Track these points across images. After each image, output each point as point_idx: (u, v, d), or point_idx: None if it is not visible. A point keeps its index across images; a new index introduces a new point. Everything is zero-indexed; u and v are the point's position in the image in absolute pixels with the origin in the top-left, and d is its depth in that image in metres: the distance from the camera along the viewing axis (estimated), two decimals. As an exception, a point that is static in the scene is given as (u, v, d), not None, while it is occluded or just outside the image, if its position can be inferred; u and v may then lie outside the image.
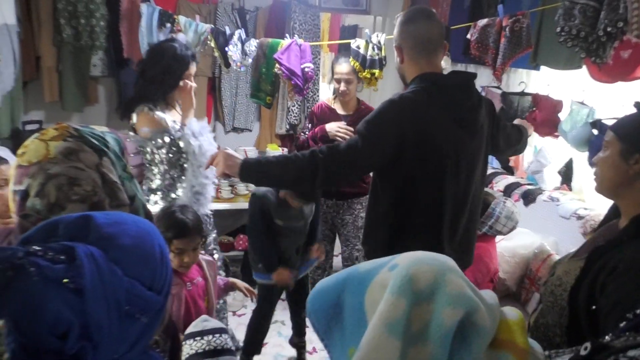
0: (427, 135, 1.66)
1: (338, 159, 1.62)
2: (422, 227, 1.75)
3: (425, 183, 1.71)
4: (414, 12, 1.80)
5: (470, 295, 0.63)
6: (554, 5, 2.33)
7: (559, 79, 2.96)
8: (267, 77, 3.15)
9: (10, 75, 2.78)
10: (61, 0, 3.40)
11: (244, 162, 1.64)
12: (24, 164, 0.92)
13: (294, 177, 1.64)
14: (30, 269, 0.60)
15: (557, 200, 2.88)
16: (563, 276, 1.26)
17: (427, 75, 1.73)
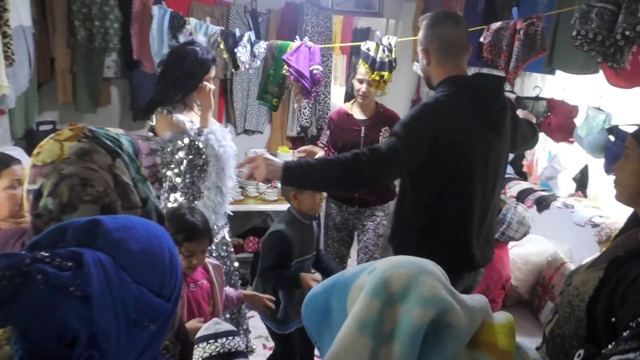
0: (458, 138, 1.71)
1: (380, 161, 1.64)
2: (450, 226, 1.79)
3: (456, 184, 1.76)
4: (441, 15, 1.84)
5: (442, 296, 0.64)
6: (570, 9, 2.29)
7: (574, 84, 2.91)
8: (274, 79, 3.14)
9: (25, 77, 2.81)
10: (76, 2, 3.43)
11: (287, 166, 1.64)
12: (39, 163, 0.92)
13: (337, 178, 1.65)
14: (37, 276, 0.59)
15: (572, 207, 2.83)
16: (580, 286, 1.23)
17: (456, 78, 1.78)
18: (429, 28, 1.80)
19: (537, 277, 2.79)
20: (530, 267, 2.77)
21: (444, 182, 1.75)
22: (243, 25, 3.91)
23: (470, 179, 1.76)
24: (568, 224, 2.83)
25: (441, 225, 1.79)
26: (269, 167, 1.63)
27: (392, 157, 1.65)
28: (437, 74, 1.81)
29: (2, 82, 2.15)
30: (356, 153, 1.66)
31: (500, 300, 2.69)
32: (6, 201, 1.49)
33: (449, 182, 1.75)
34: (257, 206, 3.82)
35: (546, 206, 2.99)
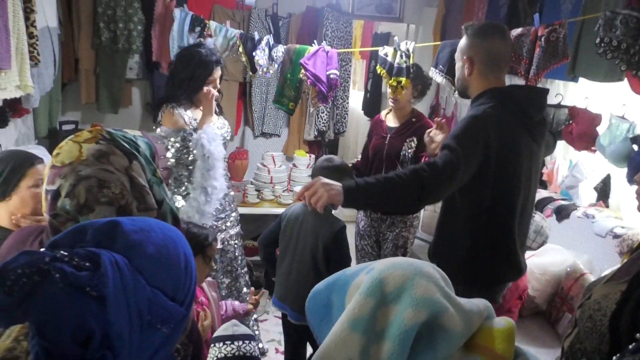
0: (507, 150, 1.72)
1: (440, 175, 1.62)
2: (500, 237, 1.81)
3: (505, 195, 1.78)
4: (490, 28, 1.84)
5: (436, 298, 0.65)
6: (594, 15, 2.26)
7: (598, 92, 2.86)
8: (291, 83, 3.15)
9: (50, 77, 2.86)
10: (101, 4, 3.50)
11: (347, 188, 1.57)
12: (58, 164, 0.93)
13: (400, 197, 1.62)
14: (56, 275, 0.60)
15: (593, 217, 2.77)
16: (602, 300, 1.20)
17: (501, 90, 1.80)
18: (477, 39, 1.80)
19: (555, 288, 2.74)
20: (549, 277, 2.72)
21: (495, 193, 1.76)
22: (264, 28, 3.94)
23: (517, 190, 1.78)
24: (588, 234, 2.77)
25: (490, 237, 1.80)
26: (330, 192, 1.55)
27: (450, 170, 1.63)
28: (477, 85, 1.82)
29: (27, 81, 2.19)
30: (415, 169, 1.64)
31: (517, 310, 2.65)
32: (30, 199, 1.52)
33: (499, 193, 1.76)
34: (273, 209, 3.82)
35: (566, 215, 2.94)
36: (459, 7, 3.89)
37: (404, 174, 1.62)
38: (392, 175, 1.62)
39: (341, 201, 1.56)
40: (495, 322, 0.72)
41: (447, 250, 1.89)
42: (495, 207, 1.77)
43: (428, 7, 4.36)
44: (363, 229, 3.00)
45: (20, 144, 2.92)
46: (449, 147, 1.67)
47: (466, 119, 1.75)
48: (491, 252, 1.81)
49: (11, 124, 2.73)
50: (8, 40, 2.00)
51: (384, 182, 1.61)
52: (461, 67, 1.85)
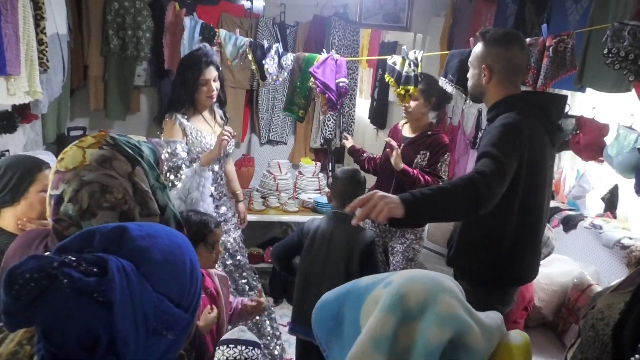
0: (536, 156, 1.76)
1: (492, 183, 1.61)
2: (525, 238, 1.86)
3: (533, 198, 1.82)
4: (510, 36, 1.86)
5: (461, 316, 0.62)
6: (602, 26, 2.25)
7: (605, 102, 2.85)
8: (301, 91, 3.16)
9: (59, 83, 2.89)
10: (110, 12, 3.53)
11: (406, 201, 1.51)
12: (61, 169, 0.93)
13: (457, 207, 1.61)
14: (64, 280, 0.61)
15: (600, 228, 2.75)
16: (605, 310, 1.19)
17: (524, 97, 1.84)
18: (496, 47, 1.81)
19: (561, 299, 2.71)
20: (555, 288, 2.70)
21: (524, 197, 1.78)
22: (271, 37, 3.97)
23: (543, 194, 1.84)
24: (595, 245, 2.75)
25: (517, 240, 1.83)
26: (390, 205, 1.48)
27: (500, 177, 1.63)
28: (495, 92, 1.84)
29: (36, 87, 2.21)
30: (468, 178, 1.61)
31: (523, 321, 2.62)
32: (38, 203, 1.53)
33: (528, 197, 1.79)
34: (278, 217, 3.83)
35: (573, 226, 2.92)
36: (467, 17, 3.90)
37: (457, 184, 1.61)
38: (446, 186, 1.66)
39: (401, 214, 1.50)
40: (511, 337, 0.70)
41: (473, 253, 1.91)
42: (524, 212, 1.80)
43: (435, 17, 4.37)
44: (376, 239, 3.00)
45: (28, 149, 2.94)
46: (490, 155, 1.66)
47: (500, 126, 1.75)
48: (516, 255, 1.85)
49: (20, 130, 2.75)
50: (18, 47, 2.03)
51: (440, 192, 1.58)
52: (477, 74, 1.87)
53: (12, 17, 1.95)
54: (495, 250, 1.85)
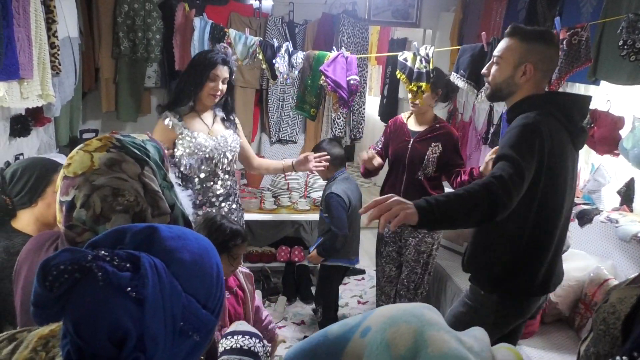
0: (556, 158, 1.71)
1: (509, 187, 1.56)
2: (544, 243, 1.79)
3: (552, 201, 1.76)
4: (552, 36, 1.81)
5: (455, 350, 0.56)
6: (616, 18, 2.22)
7: (620, 95, 2.81)
8: (312, 89, 3.15)
9: (71, 86, 2.91)
10: (121, 14, 3.55)
11: (421, 208, 1.47)
12: (70, 175, 0.93)
13: (473, 213, 1.54)
14: (98, 273, 0.60)
15: (616, 222, 2.71)
16: (617, 304, 1.18)
17: (546, 97, 1.78)
18: (538, 44, 1.74)
19: (578, 294, 2.68)
20: (572, 283, 2.66)
21: (543, 201, 1.73)
22: (280, 36, 3.97)
23: (562, 199, 1.77)
24: (612, 239, 2.72)
25: (535, 246, 1.78)
26: (405, 211, 1.44)
27: (518, 180, 1.59)
28: (526, 91, 1.78)
29: (48, 91, 2.23)
30: (485, 184, 1.56)
31: (539, 316, 2.60)
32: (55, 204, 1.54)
33: (547, 200, 1.73)
34: (290, 215, 3.83)
35: (588, 220, 2.88)
36: (477, 11, 3.87)
37: (473, 190, 1.55)
38: (461, 192, 1.56)
39: (416, 220, 1.46)
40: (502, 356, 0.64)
41: (488, 258, 1.85)
42: (540, 217, 1.74)
43: (445, 12, 4.34)
44: (387, 235, 2.99)
45: (42, 152, 2.97)
46: (508, 158, 1.62)
47: (518, 127, 1.70)
48: (532, 263, 1.78)
49: (33, 133, 2.77)
50: (30, 51, 2.04)
51: (456, 199, 1.53)
52: (511, 70, 1.77)
53: (24, 21, 1.97)
54: (510, 257, 1.79)
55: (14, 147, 2.62)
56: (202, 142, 2.46)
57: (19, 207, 1.52)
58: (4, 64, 1.76)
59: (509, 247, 1.79)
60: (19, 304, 1.09)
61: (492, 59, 1.85)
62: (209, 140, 2.48)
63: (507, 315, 1.86)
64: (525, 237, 1.76)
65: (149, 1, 3.59)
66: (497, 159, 1.66)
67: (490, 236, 1.84)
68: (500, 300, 1.83)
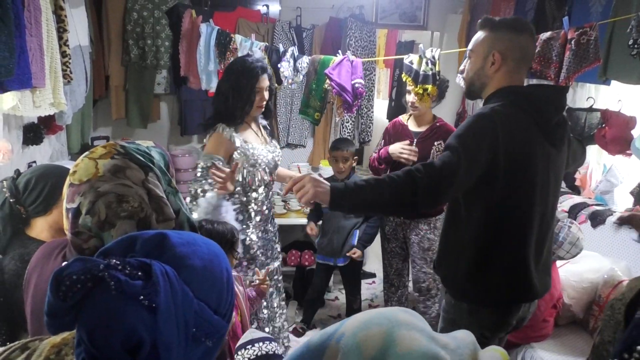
0: (519, 152, 1.57)
1: (436, 177, 1.49)
2: (509, 251, 1.65)
3: (516, 204, 1.61)
4: (523, 23, 1.69)
5: (424, 347, 0.57)
6: (626, 17, 2.20)
7: (631, 94, 2.79)
8: (316, 94, 3.16)
9: (82, 94, 2.95)
10: (130, 22, 3.59)
11: (334, 189, 1.48)
12: (75, 182, 0.94)
13: (392, 201, 1.51)
14: (111, 282, 0.61)
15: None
16: (627, 292, 1.18)
17: (514, 88, 1.65)
18: (508, 32, 1.64)
19: (592, 296, 2.65)
20: (585, 285, 2.64)
21: (504, 201, 1.59)
22: (287, 41, 3.98)
23: (531, 198, 1.61)
24: (625, 240, 2.69)
25: (498, 251, 1.64)
26: (316, 188, 1.48)
27: (449, 172, 1.50)
28: (498, 82, 1.66)
29: (60, 99, 2.26)
30: (409, 170, 1.51)
31: (552, 319, 2.57)
32: None
33: (510, 201, 1.60)
34: (300, 220, 3.83)
35: (601, 221, 2.85)
36: (485, 12, 3.85)
37: (396, 176, 1.50)
38: (384, 178, 1.51)
39: (327, 200, 1.48)
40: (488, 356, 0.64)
41: (451, 262, 1.74)
42: (507, 219, 1.61)
43: (452, 14, 4.33)
44: (389, 232, 3.00)
45: (54, 160, 3.01)
46: (450, 147, 1.53)
47: (472, 117, 1.60)
48: (500, 268, 1.64)
49: (45, 141, 2.81)
50: (42, 60, 2.07)
51: (375, 184, 1.49)
52: (481, 61, 1.67)
53: (36, 31, 2.00)
54: (474, 262, 1.65)
55: (27, 155, 2.66)
56: (261, 153, 2.42)
57: (34, 215, 1.53)
58: (17, 73, 1.78)
59: (472, 249, 1.66)
60: (29, 312, 1.10)
61: (466, 55, 1.78)
62: (264, 150, 2.46)
63: (484, 324, 1.70)
64: (487, 239, 1.64)
65: (157, 8, 3.62)
66: (444, 149, 1.59)
67: (455, 237, 1.72)
68: (470, 309, 1.71)
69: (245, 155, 2.37)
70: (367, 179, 1.52)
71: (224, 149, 2.34)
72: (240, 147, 2.36)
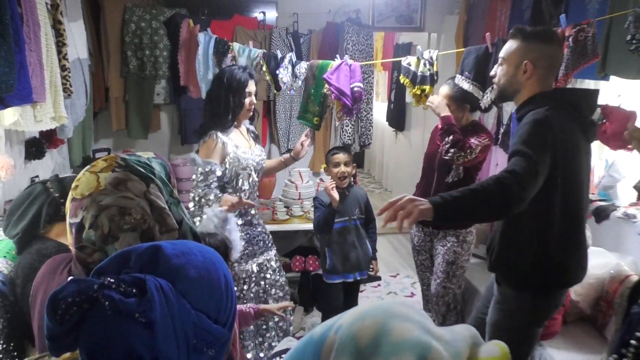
0: (570, 152, 1.73)
1: (523, 181, 1.59)
2: (568, 238, 1.81)
3: (572, 194, 1.78)
4: (552, 33, 1.87)
5: (416, 337, 0.58)
6: (623, 12, 2.21)
7: (631, 89, 2.79)
8: (315, 98, 3.16)
9: (82, 107, 2.96)
10: (128, 34, 3.61)
11: (435, 204, 1.53)
12: (78, 196, 0.94)
13: (488, 208, 1.60)
14: (105, 302, 0.61)
15: (634, 217, 2.68)
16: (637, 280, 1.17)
17: (554, 93, 1.83)
18: (539, 43, 1.80)
19: (599, 292, 2.64)
20: (592, 280, 2.62)
21: (563, 194, 1.75)
22: (285, 46, 3.99)
23: (580, 192, 1.80)
24: (630, 234, 2.68)
25: (559, 241, 1.79)
26: (420, 207, 1.50)
27: (533, 175, 1.61)
28: (531, 89, 1.82)
29: (61, 113, 2.27)
30: (497, 179, 1.60)
31: (560, 316, 2.56)
32: None
33: (567, 193, 1.75)
34: (303, 225, 3.83)
35: (605, 217, 2.85)
36: (481, 12, 3.86)
37: (487, 185, 1.59)
38: (476, 187, 1.61)
39: (431, 216, 1.52)
40: (486, 350, 0.64)
41: (514, 257, 1.87)
42: (564, 211, 1.77)
43: (449, 15, 4.34)
44: (418, 244, 2.99)
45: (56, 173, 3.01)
46: (521, 153, 1.64)
47: (529, 123, 1.73)
48: (563, 256, 1.81)
49: (47, 155, 2.82)
50: (42, 74, 2.08)
51: (470, 194, 1.58)
52: (514, 69, 1.83)
53: (36, 46, 2.01)
54: (540, 252, 1.81)
55: (29, 170, 2.67)
56: (249, 157, 2.54)
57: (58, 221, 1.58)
58: (17, 89, 1.79)
59: (536, 242, 1.80)
60: (36, 328, 1.10)
61: (498, 61, 1.91)
62: (252, 154, 2.56)
63: (543, 310, 1.89)
64: (550, 230, 1.78)
65: (155, 19, 3.64)
66: (511, 155, 1.68)
67: (517, 233, 1.86)
68: (533, 297, 1.85)
69: (237, 159, 2.49)
70: (461, 190, 1.60)
71: (217, 155, 2.45)
72: (232, 152, 2.47)
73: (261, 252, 2.70)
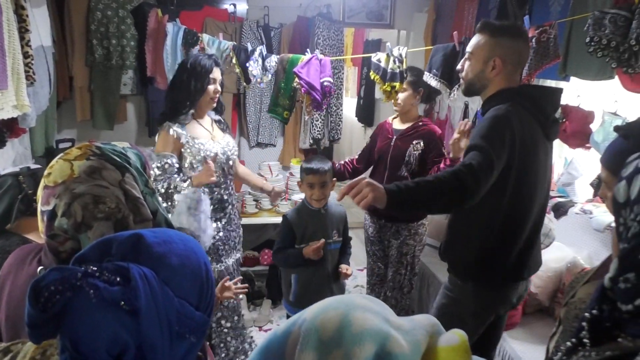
0: (528, 148, 1.74)
1: (478, 175, 1.61)
2: (514, 233, 1.82)
3: (524, 193, 1.79)
4: (519, 29, 1.86)
5: (376, 326, 0.60)
6: (584, 15, 2.29)
7: (589, 90, 2.90)
8: (285, 92, 3.16)
9: (45, 96, 2.87)
10: (94, 22, 3.51)
11: (390, 191, 1.56)
12: (50, 184, 0.92)
13: (442, 199, 1.61)
14: (90, 291, 0.61)
15: (590, 213, 2.80)
16: (587, 299, 1.21)
17: (517, 90, 1.83)
18: (508, 39, 1.79)
19: (557, 284, 2.76)
20: (550, 273, 2.74)
21: (514, 191, 1.76)
22: (255, 39, 3.97)
23: (535, 188, 1.81)
24: (587, 229, 2.80)
25: (505, 235, 1.81)
26: (374, 192, 1.54)
27: (487, 169, 1.63)
28: (497, 85, 1.83)
29: (23, 101, 2.20)
30: (453, 172, 1.62)
31: (520, 307, 2.66)
32: None
33: (518, 190, 1.76)
34: (271, 219, 3.83)
35: (564, 212, 2.96)
36: (449, 12, 3.94)
37: (443, 177, 1.62)
38: (431, 178, 1.63)
39: (384, 203, 1.55)
40: (446, 339, 0.66)
41: (460, 247, 1.91)
42: (512, 207, 1.78)
43: (418, 13, 4.40)
44: (372, 235, 3.02)
45: (17, 164, 2.92)
46: (478, 147, 1.67)
47: (489, 118, 1.75)
48: (503, 252, 1.83)
49: (8, 144, 2.72)
50: (4, 61, 2.01)
51: (425, 185, 1.61)
52: (482, 65, 1.82)
53: (-3, 31, 1.94)
54: (483, 246, 1.83)
55: (-12, 159, 2.58)
56: (210, 149, 2.42)
57: None
58: (-22, 75, 1.73)
59: (481, 235, 1.83)
60: (3, 319, 1.08)
61: (465, 55, 1.91)
62: (215, 145, 2.46)
63: (486, 303, 1.91)
64: (496, 226, 1.80)
65: (122, 7, 3.56)
66: (469, 149, 1.71)
67: (465, 225, 1.90)
68: (476, 288, 1.88)
69: (191, 151, 2.39)
70: (416, 181, 1.62)
71: (171, 147, 2.37)
72: (187, 143, 2.38)
73: (227, 254, 2.63)
